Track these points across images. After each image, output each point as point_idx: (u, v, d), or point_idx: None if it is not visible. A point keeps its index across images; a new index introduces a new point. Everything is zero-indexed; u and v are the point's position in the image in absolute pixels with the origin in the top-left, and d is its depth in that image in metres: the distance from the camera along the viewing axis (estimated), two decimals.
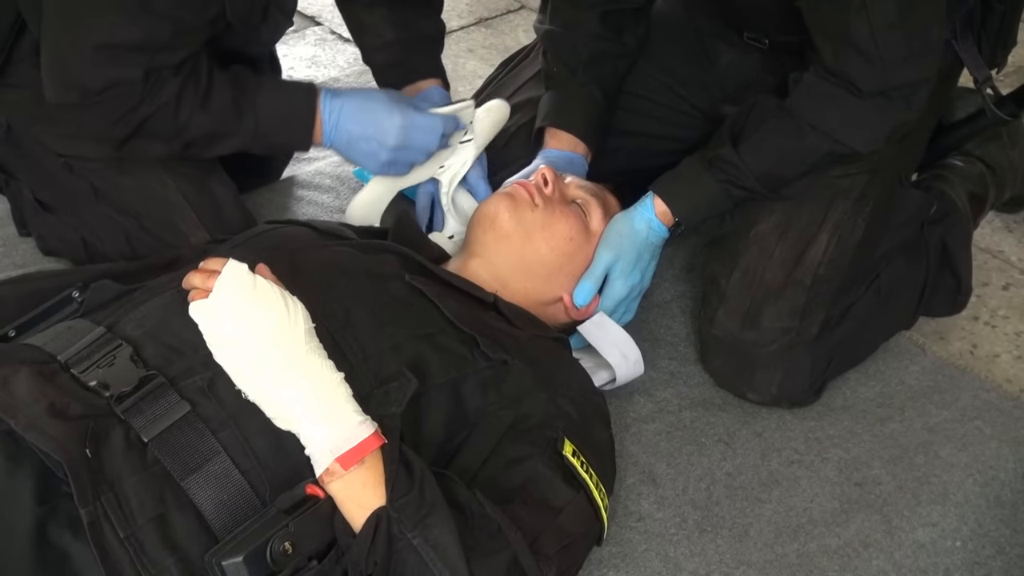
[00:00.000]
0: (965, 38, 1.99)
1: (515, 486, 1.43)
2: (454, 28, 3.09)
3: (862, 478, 1.84)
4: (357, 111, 1.82)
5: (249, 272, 1.37)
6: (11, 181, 2.02)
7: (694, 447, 1.87)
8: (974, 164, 2.25)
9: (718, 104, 2.08)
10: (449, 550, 1.29)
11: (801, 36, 1.80)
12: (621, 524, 1.72)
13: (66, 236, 2.00)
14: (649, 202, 1.87)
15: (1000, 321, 2.22)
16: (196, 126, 1.75)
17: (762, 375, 1.92)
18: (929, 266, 2.06)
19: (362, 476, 1.31)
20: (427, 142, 1.88)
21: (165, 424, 1.31)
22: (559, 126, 2.02)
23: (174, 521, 1.28)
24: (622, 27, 2.07)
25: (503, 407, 1.52)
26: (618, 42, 2.07)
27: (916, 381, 2.03)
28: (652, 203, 1.86)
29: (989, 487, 1.83)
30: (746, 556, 1.70)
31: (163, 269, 1.62)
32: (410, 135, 1.84)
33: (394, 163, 1.88)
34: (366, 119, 1.83)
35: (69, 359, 1.38)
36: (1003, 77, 2.53)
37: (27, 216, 2.05)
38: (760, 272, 1.91)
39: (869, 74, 1.72)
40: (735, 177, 1.84)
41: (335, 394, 1.35)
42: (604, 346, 1.82)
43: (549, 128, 2.03)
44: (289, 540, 1.27)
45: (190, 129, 1.75)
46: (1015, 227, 2.46)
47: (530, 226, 1.77)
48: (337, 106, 1.82)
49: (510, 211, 1.77)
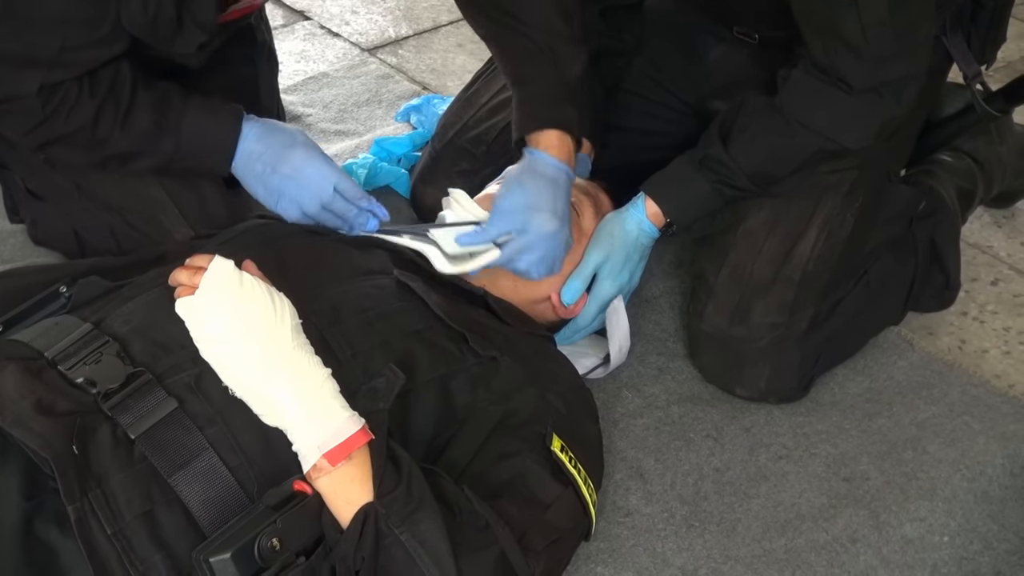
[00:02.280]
0: (955, 34, 2.00)
1: (503, 482, 1.44)
2: (443, 23, 3.09)
3: (850, 473, 1.84)
4: (265, 133, 1.74)
5: (235, 268, 1.37)
6: (2, 169, 2.02)
7: (682, 442, 1.87)
8: (962, 160, 2.25)
9: (707, 99, 2.08)
10: (437, 546, 1.29)
11: (791, 31, 1.80)
12: (609, 519, 1.72)
13: (57, 224, 2.00)
14: (640, 203, 1.87)
15: (989, 317, 2.22)
16: (115, 144, 1.71)
17: (751, 370, 1.93)
18: (918, 262, 2.06)
19: (349, 472, 1.31)
20: (319, 184, 1.70)
21: (152, 421, 1.31)
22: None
23: (161, 518, 1.28)
24: (621, 24, 2.07)
25: (492, 403, 1.52)
26: (618, 39, 2.07)
27: (904, 376, 2.04)
28: (643, 204, 1.87)
29: (977, 482, 1.84)
30: (734, 551, 1.71)
31: (150, 265, 1.62)
32: (303, 170, 1.71)
33: (280, 193, 1.72)
34: (269, 140, 1.73)
35: (56, 356, 1.38)
36: (992, 73, 2.54)
37: (18, 201, 2.04)
38: (749, 268, 1.91)
39: (859, 70, 1.72)
40: (726, 176, 1.84)
41: (322, 390, 1.35)
42: (613, 335, 1.84)
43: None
44: (277, 536, 1.26)
45: (108, 146, 1.71)
46: (1004, 222, 2.47)
47: None
48: (249, 129, 1.74)
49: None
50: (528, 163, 1.79)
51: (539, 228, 1.73)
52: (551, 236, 1.74)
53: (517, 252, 1.74)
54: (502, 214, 1.74)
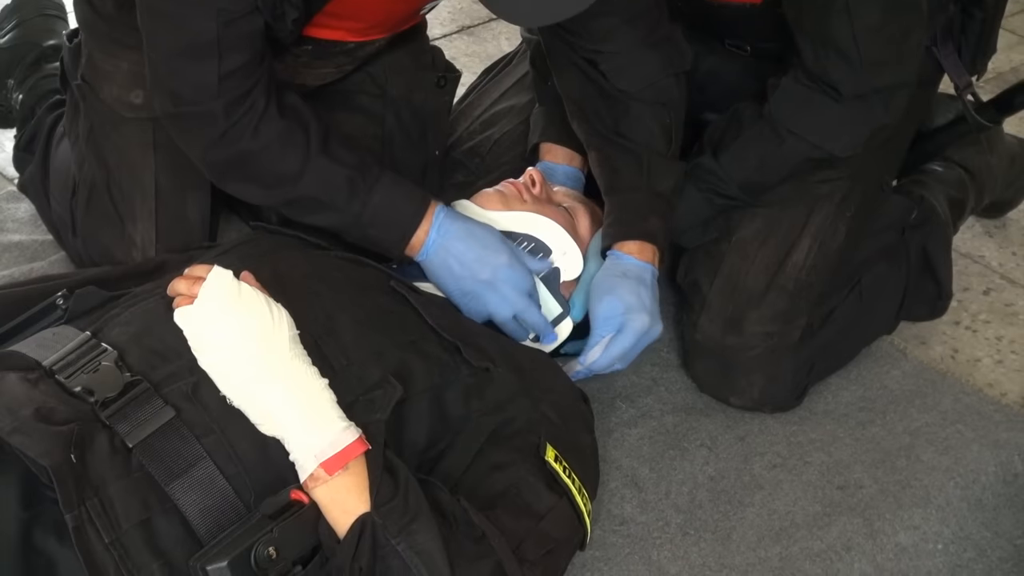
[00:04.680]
0: (945, 45, 2.01)
1: (498, 492, 1.44)
2: (436, 36, 3.09)
3: (844, 482, 1.85)
4: (467, 234, 1.71)
5: (234, 279, 1.38)
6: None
7: (677, 451, 1.88)
8: (953, 169, 2.26)
9: (699, 111, 2.08)
10: (433, 556, 1.30)
11: (783, 43, 1.81)
12: (604, 528, 1.73)
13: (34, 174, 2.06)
14: None
15: (981, 326, 2.23)
16: (304, 186, 1.67)
17: (745, 380, 1.93)
18: (910, 271, 2.07)
19: (346, 482, 1.32)
20: (517, 290, 1.72)
21: (150, 429, 1.31)
22: (555, 140, 2.03)
23: (159, 526, 1.28)
24: None
25: (486, 413, 1.52)
26: None
27: (897, 385, 2.05)
28: None
29: (970, 490, 1.84)
30: (729, 559, 1.71)
31: (147, 276, 1.62)
32: (504, 276, 1.71)
33: (474, 296, 1.72)
34: (472, 243, 1.70)
35: (54, 365, 1.38)
36: (983, 84, 2.55)
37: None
38: (742, 277, 1.92)
39: (849, 76, 1.74)
40: (716, 185, 1.85)
41: (319, 400, 1.36)
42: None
43: (544, 143, 2.03)
44: (273, 545, 1.27)
45: (296, 186, 1.67)
46: (996, 232, 2.48)
47: None
48: (449, 223, 1.70)
49: (500, 205, 1.80)
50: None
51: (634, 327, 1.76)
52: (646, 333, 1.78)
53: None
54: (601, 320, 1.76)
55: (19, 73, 2.27)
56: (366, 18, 1.78)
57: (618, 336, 1.75)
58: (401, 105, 1.97)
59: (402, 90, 1.96)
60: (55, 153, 2.05)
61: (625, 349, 1.76)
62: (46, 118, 2.11)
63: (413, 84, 1.95)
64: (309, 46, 1.79)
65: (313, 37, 1.77)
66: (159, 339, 1.41)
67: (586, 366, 1.77)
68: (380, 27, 1.83)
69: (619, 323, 1.75)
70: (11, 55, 2.30)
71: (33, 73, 2.26)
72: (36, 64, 2.25)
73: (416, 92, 1.96)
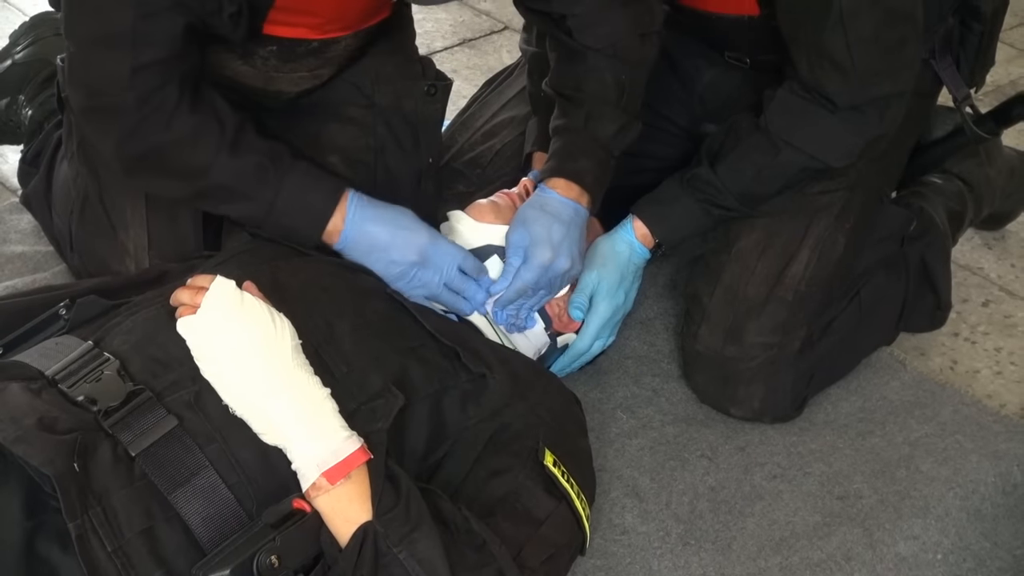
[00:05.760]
0: (944, 57, 2.02)
1: (497, 498, 1.45)
2: (438, 49, 3.10)
3: (844, 492, 1.85)
4: (384, 217, 1.73)
5: (237, 289, 1.39)
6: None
7: (677, 462, 1.88)
8: (952, 181, 2.27)
9: (700, 122, 2.09)
10: (435, 565, 1.30)
11: (782, 55, 1.82)
12: (605, 537, 1.73)
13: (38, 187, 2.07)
14: (629, 224, 1.89)
15: (980, 337, 2.24)
16: (215, 174, 1.67)
17: (745, 390, 1.94)
18: (909, 282, 2.08)
19: (348, 491, 1.32)
20: (446, 266, 1.73)
21: (152, 438, 1.32)
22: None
23: (161, 535, 1.29)
24: None
25: (483, 420, 1.53)
26: None
27: (897, 396, 2.05)
28: (632, 225, 1.89)
29: (970, 500, 1.85)
30: (729, 569, 1.71)
31: (149, 285, 1.63)
32: (430, 254, 1.73)
33: (406, 279, 1.72)
34: (392, 227, 1.73)
35: (56, 375, 1.38)
36: (982, 96, 2.56)
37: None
38: (742, 288, 1.93)
39: (843, 87, 1.74)
40: (713, 196, 1.86)
41: (322, 409, 1.36)
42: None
43: (538, 153, 2.04)
44: (275, 554, 1.27)
45: (207, 175, 1.67)
46: (994, 244, 2.48)
47: None
48: (363, 209, 1.72)
49: (493, 217, 1.81)
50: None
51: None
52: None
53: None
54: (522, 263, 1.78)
55: (30, 90, 2.29)
56: (321, 13, 1.77)
57: (522, 266, 1.76)
58: (391, 114, 1.97)
59: (390, 99, 1.96)
60: (59, 169, 2.06)
61: (527, 281, 1.76)
62: (53, 134, 2.12)
63: (401, 93, 1.95)
64: (273, 46, 1.79)
65: (274, 36, 1.77)
66: (161, 348, 1.41)
67: (492, 293, 1.77)
68: (339, 22, 1.82)
69: (524, 254, 1.76)
70: (24, 71, 2.32)
71: (44, 90, 2.27)
72: (48, 81, 2.27)
73: (405, 101, 1.96)
